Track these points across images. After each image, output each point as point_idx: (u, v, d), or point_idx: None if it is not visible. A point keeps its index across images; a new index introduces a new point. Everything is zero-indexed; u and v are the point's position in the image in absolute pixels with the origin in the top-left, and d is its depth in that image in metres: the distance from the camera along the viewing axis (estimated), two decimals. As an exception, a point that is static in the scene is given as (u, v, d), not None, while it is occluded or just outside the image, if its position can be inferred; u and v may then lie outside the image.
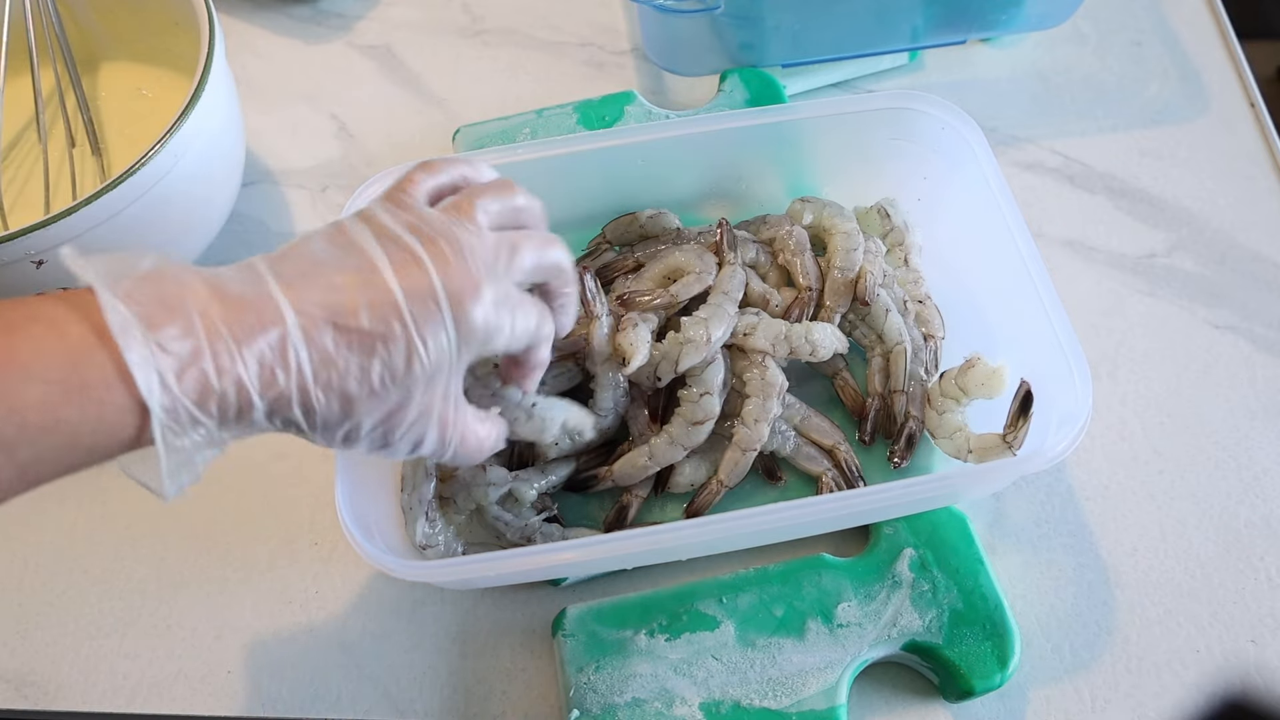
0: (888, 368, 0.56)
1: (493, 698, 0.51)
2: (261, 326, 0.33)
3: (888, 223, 0.60)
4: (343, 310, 0.35)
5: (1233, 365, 0.60)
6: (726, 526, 0.45)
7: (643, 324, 0.53)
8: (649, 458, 0.52)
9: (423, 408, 0.38)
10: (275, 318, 0.34)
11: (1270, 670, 0.51)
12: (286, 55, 0.76)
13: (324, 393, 0.35)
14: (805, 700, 0.47)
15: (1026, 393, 0.49)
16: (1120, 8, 0.75)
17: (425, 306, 0.36)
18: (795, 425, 0.54)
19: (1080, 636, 0.52)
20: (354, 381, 0.35)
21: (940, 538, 0.51)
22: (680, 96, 0.72)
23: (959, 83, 0.72)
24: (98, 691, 0.52)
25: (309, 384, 0.34)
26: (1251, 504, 0.55)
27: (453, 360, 0.37)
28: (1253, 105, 0.70)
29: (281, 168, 0.70)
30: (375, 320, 0.35)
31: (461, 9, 0.78)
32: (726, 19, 0.65)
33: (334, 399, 0.35)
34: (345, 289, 0.35)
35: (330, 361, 0.34)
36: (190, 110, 0.53)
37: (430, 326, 0.36)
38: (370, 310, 0.35)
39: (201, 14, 0.57)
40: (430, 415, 0.38)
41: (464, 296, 0.36)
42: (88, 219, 0.50)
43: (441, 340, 0.36)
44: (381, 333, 0.35)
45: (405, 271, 0.36)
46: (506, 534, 0.52)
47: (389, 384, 0.36)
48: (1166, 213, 0.66)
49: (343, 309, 0.35)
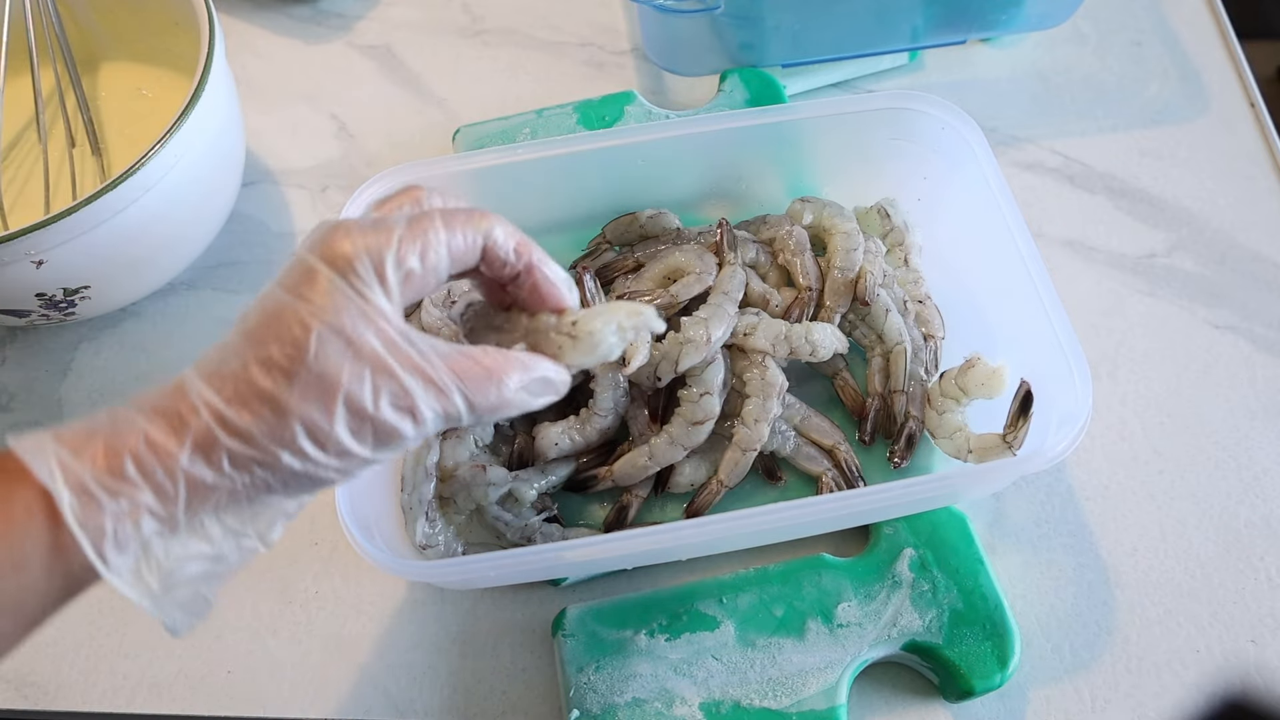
0: (888, 368, 0.56)
1: (493, 698, 0.51)
2: (159, 392, 0.33)
3: (888, 223, 0.60)
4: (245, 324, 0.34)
5: (1233, 365, 0.60)
6: (726, 526, 0.45)
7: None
8: (649, 458, 0.52)
9: (365, 360, 0.33)
10: (172, 382, 0.33)
11: (1270, 670, 0.51)
12: (286, 55, 0.76)
13: (239, 406, 0.32)
14: (805, 700, 0.47)
15: (1026, 393, 0.49)
16: (1120, 8, 0.75)
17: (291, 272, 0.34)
18: (795, 425, 0.54)
19: (1080, 636, 0.52)
20: (259, 374, 0.32)
21: (940, 538, 0.51)
22: (680, 96, 0.72)
23: (959, 83, 0.72)
24: (98, 691, 0.52)
25: (219, 405, 0.32)
26: (1251, 504, 0.55)
27: (349, 294, 0.33)
28: (1253, 105, 0.70)
29: (281, 168, 0.70)
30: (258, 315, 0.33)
31: (461, 9, 0.78)
32: (726, 19, 0.65)
33: (257, 405, 0.32)
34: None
35: (226, 365, 0.33)
36: (190, 110, 0.53)
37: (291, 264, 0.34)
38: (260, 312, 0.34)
39: (201, 14, 0.57)
40: (381, 365, 0.33)
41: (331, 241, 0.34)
42: (88, 219, 0.51)
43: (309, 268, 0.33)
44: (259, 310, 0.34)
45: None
46: (506, 534, 0.52)
47: (295, 357, 0.32)
48: (1166, 213, 0.66)
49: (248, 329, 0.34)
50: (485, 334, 0.42)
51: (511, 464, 0.54)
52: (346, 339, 0.33)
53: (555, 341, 0.40)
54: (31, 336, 0.64)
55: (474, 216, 0.37)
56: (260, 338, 0.33)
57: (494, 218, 0.38)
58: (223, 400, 0.32)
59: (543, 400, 0.39)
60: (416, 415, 0.34)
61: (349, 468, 0.34)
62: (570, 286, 0.40)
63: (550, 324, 0.40)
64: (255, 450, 0.32)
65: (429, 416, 0.35)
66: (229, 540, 0.34)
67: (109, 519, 0.31)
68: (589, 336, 0.40)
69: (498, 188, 0.56)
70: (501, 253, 0.38)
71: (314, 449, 0.33)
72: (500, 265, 0.38)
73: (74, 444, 0.31)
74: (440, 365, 0.35)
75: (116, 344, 0.63)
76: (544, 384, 0.39)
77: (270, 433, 0.32)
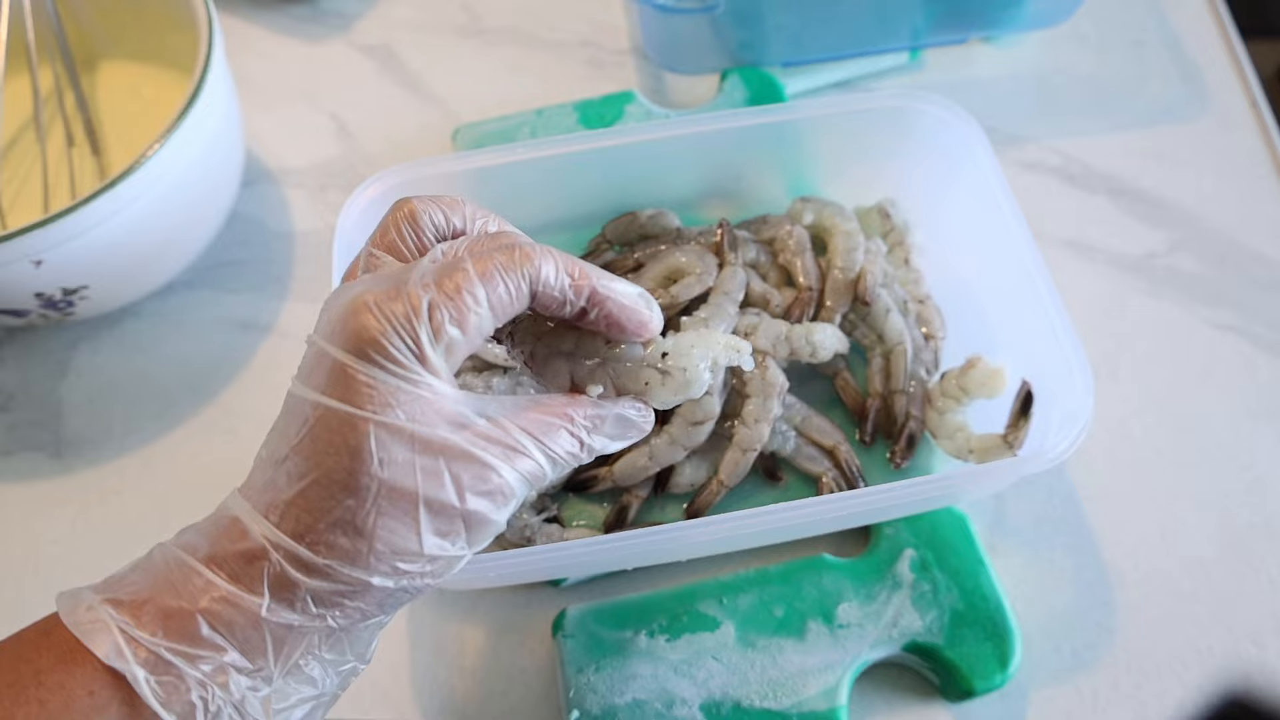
0: (888, 368, 0.56)
1: (493, 698, 0.51)
2: (212, 531, 0.30)
3: (888, 223, 0.59)
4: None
5: (1233, 365, 0.60)
6: (726, 527, 0.45)
7: (643, 324, 0.52)
8: (649, 458, 0.52)
9: (436, 452, 0.29)
10: (224, 516, 0.30)
11: (1271, 670, 0.50)
12: (286, 55, 0.76)
13: (311, 542, 0.29)
14: (806, 701, 0.47)
15: (1027, 393, 0.49)
16: (1120, 7, 0.75)
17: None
18: (795, 425, 0.54)
19: (1081, 636, 0.51)
20: (322, 499, 0.29)
21: (941, 538, 0.51)
22: (680, 96, 0.72)
23: (959, 82, 0.72)
24: (97, 692, 0.51)
25: (287, 544, 0.29)
26: (1252, 504, 0.55)
27: (393, 385, 0.29)
28: (1254, 105, 0.70)
29: (281, 167, 0.70)
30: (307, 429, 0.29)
31: (461, 8, 0.78)
32: (726, 18, 0.65)
33: (330, 535, 0.29)
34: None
35: (280, 491, 0.29)
36: (190, 110, 0.53)
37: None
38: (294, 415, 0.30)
39: (201, 14, 0.57)
40: (454, 452, 0.29)
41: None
42: (86, 219, 0.50)
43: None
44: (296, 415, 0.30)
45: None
46: (506, 534, 0.52)
47: (357, 471, 0.28)
48: (1167, 213, 0.66)
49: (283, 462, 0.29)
50: (554, 362, 0.35)
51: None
52: (408, 436, 0.29)
53: (642, 376, 0.34)
54: (30, 336, 0.63)
55: (514, 257, 0.31)
56: (309, 454, 0.29)
57: (539, 253, 0.31)
58: (290, 537, 0.29)
59: (625, 443, 0.35)
60: (505, 492, 0.31)
61: (446, 570, 0.31)
62: (649, 303, 0.34)
63: (636, 355, 0.34)
64: (340, 584, 0.29)
65: (518, 490, 0.31)
66: (330, 674, 0.31)
67: (194, 690, 0.28)
68: (682, 374, 0.35)
69: (497, 187, 0.56)
70: (557, 294, 0.32)
71: (405, 564, 0.29)
72: (559, 307, 0.32)
73: (132, 608, 0.28)
74: (513, 428, 0.31)
75: (115, 344, 0.63)
76: (625, 424, 0.34)
77: (352, 563, 0.29)
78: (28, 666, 0.28)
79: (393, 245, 0.33)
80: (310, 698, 0.30)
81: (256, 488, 0.30)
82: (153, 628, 0.28)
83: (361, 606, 0.30)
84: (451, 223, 0.34)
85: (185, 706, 0.28)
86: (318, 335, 0.30)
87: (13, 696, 0.27)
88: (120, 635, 0.28)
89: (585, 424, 0.33)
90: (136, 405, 0.60)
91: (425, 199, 0.34)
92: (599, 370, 0.34)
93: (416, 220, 0.33)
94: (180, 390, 0.61)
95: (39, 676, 0.28)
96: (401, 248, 0.33)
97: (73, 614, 0.28)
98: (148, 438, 0.59)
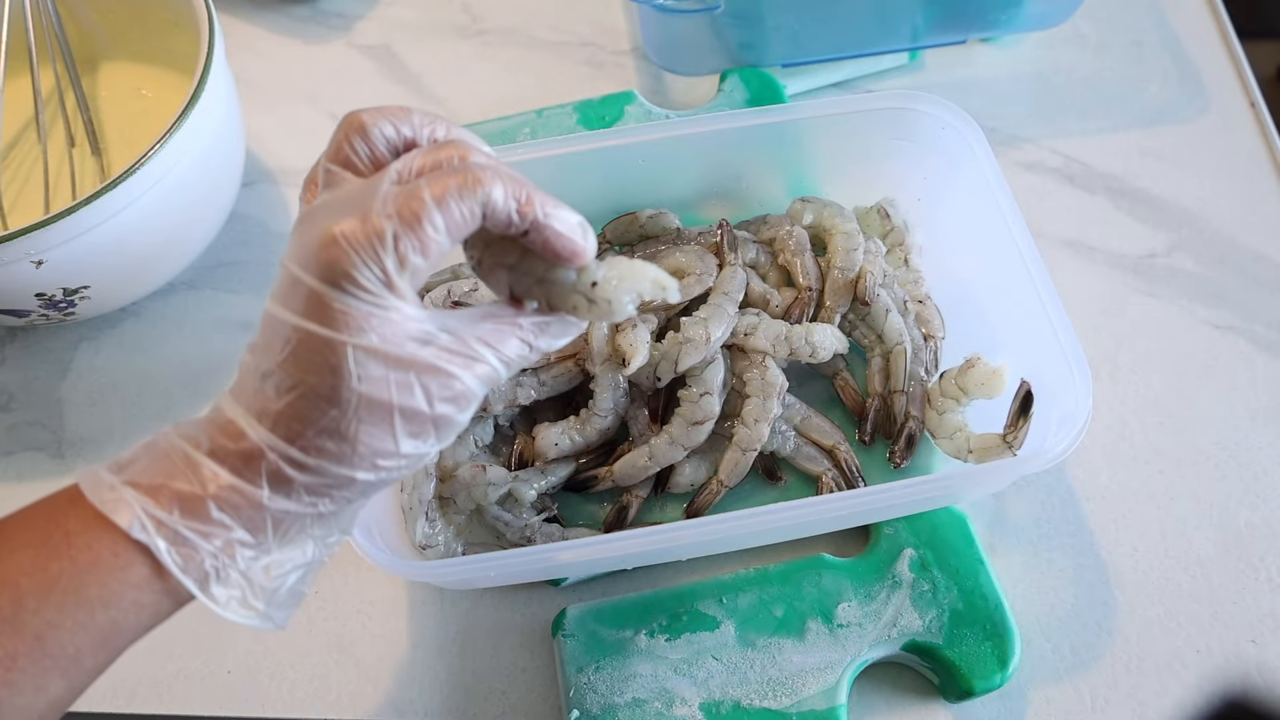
0: (888, 368, 0.56)
1: (493, 698, 0.51)
2: (211, 428, 0.33)
3: (888, 223, 0.60)
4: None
5: (1233, 365, 0.60)
6: (726, 526, 0.45)
7: (642, 325, 0.53)
8: (649, 458, 0.52)
9: (408, 367, 0.33)
10: (219, 415, 0.33)
11: (1271, 670, 0.51)
12: (286, 55, 0.76)
13: (302, 446, 0.32)
14: (805, 700, 0.47)
15: (1027, 393, 0.49)
16: (1120, 8, 0.75)
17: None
18: (795, 425, 0.54)
19: (1080, 636, 0.51)
20: (308, 409, 0.32)
21: (940, 538, 0.51)
22: (680, 96, 0.72)
23: (959, 83, 0.72)
24: (98, 692, 0.52)
25: (282, 446, 0.32)
26: (1251, 504, 0.55)
27: (365, 310, 0.32)
28: (1253, 105, 0.70)
29: (281, 168, 0.70)
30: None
31: (461, 9, 0.78)
32: (726, 19, 0.65)
33: (318, 440, 0.32)
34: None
35: (270, 400, 0.32)
36: (190, 110, 0.53)
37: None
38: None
39: (201, 14, 0.57)
40: (423, 366, 0.33)
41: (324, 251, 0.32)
42: (87, 219, 0.50)
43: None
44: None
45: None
46: (506, 534, 0.52)
47: (338, 386, 0.32)
48: (1166, 213, 0.66)
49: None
50: (497, 272, 0.38)
51: (511, 464, 0.54)
52: (382, 356, 0.32)
53: (570, 300, 0.37)
54: (31, 336, 0.64)
55: (467, 180, 0.33)
56: (293, 371, 0.32)
57: (489, 174, 0.34)
58: (284, 441, 0.32)
59: (565, 340, 0.38)
60: (467, 396, 0.34)
61: (419, 462, 0.35)
62: (585, 232, 0.37)
63: (569, 281, 0.37)
64: (329, 479, 0.33)
65: (477, 392, 0.35)
66: (319, 547, 0.35)
67: (208, 560, 0.32)
68: (606, 304, 0.37)
69: (498, 188, 0.56)
70: (503, 217, 0.34)
71: (384, 461, 0.34)
72: (505, 227, 0.35)
73: (150, 491, 0.32)
74: (470, 338, 0.35)
75: (116, 344, 0.63)
76: (566, 325, 0.38)
77: (339, 462, 0.33)
78: (58, 529, 0.32)
79: (347, 160, 0.35)
80: (302, 564, 0.35)
81: (248, 394, 0.33)
82: (169, 508, 0.32)
83: (347, 495, 0.34)
84: (401, 133, 0.36)
85: (200, 572, 0.32)
86: (291, 261, 0.33)
87: (47, 551, 0.31)
88: (142, 513, 0.32)
89: (532, 330, 0.37)
90: (137, 405, 0.60)
91: (373, 110, 0.35)
92: (536, 288, 0.37)
93: (367, 133, 0.35)
94: (180, 390, 0.61)
95: (69, 537, 0.32)
96: (356, 162, 0.35)
97: (96, 492, 0.32)
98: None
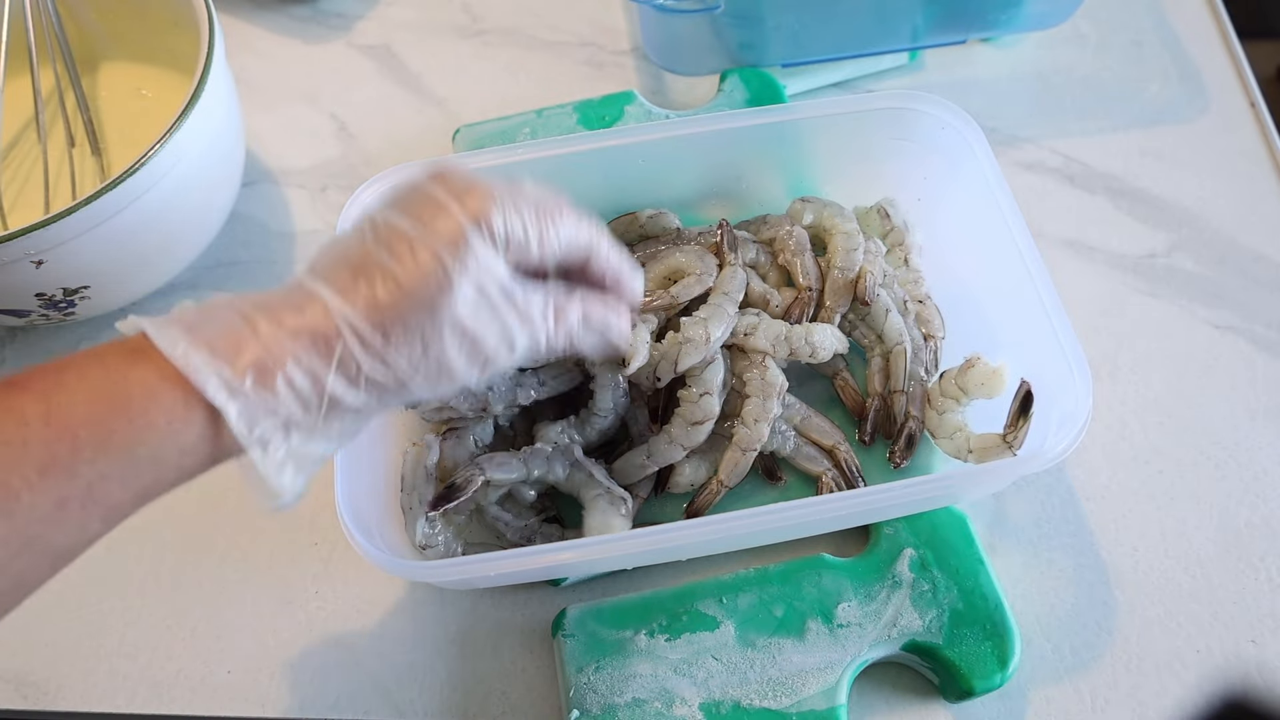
0: (888, 368, 0.56)
1: (493, 698, 0.51)
2: (290, 302, 0.35)
3: (888, 223, 0.60)
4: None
5: (1233, 365, 0.60)
6: (726, 526, 0.45)
7: (642, 324, 0.53)
8: (649, 458, 0.52)
9: (494, 309, 0.37)
10: (300, 289, 0.36)
11: (1271, 670, 0.51)
12: (286, 55, 0.76)
13: (384, 336, 0.35)
14: (805, 700, 0.47)
15: (1026, 393, 0.49)
16: (1120, 8, 0.75)
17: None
18: (795, 425, 0.54)
19: (1080, 636, 0.52)
20: (405, 306, 0.35)
21: (940, 538, 0.51)
22: (680, 96, 0.72)
23: (959, 83, 0.72)
24: (98, 691, 0.52)
25: (366, 331, 0.35)
26: (1251, 504, 0.55)
27: (483, 255, 0.36)
28: (1253, 105, 0.70)
29: (281, 168, 0.70)
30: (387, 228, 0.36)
31: (461, 9, 0.78)
32: (726, 19, 0.65)
33: (402, 335, 0.35)
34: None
35: (361, 286, 0.35)
36: (190, 110, 0.53)
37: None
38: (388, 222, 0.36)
39: (201, 14, 0.57)
40: (501, 311, 0.37)
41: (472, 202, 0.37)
42: (87, 219, 0.51)
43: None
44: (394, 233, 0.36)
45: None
46: (506, 534, 0.52)
47: (440, 302, 0.35)
48: (1166, 213, 0.66)
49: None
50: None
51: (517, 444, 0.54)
52: (481, 290, 0.36)
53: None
54: (31, 336, 0.64)
55: (595, 227, 0.41)
56: (411, 273, 0.35)
57: (603, 230, 0.41)
58: (370, 325, 0.35)
59: (593, 342, 0.42)
60: (515, 349, 0.39)
61: (450, 392, 0.38)
62: (635, 273, 0.44)
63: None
64: (391, 378, 0.36)
65: (520, 351, 0.39)
66: (332, 446, 0.37)
67: (266, 430, 0.34)
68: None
69: (498, 188, 0.56)
70: (598, 269, 0.42)
71: (437, 377, 0.37)
72: (599, 279, 0.42)
73: (227, 356, 0.33)
74: (538, 309, 0.39)
75: (116, 344, 0.63)
76: (605, 339, 0.43)
77: (411, 364, 0.36)
78: (119, 387, 0.33)
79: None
80: (318, 459, 0.36)
81: (335, 273, 0.36)
82: (243, 375, 0.33)
83: (390, 401, 0.37)
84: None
85: (257, 441, 0.34)
86: (438, 187, 0.37)
87: (105, 407, 0.32)
88: (220, 380, 0.33)
89: (578, 326, 0.41)
90: (137, 405, 0.60)
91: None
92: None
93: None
94: (181, 390, 0.61)
95: (130, 399, 0.33)
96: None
97: (173, 349, 0.33)
98: (148, 438, 0.59)
